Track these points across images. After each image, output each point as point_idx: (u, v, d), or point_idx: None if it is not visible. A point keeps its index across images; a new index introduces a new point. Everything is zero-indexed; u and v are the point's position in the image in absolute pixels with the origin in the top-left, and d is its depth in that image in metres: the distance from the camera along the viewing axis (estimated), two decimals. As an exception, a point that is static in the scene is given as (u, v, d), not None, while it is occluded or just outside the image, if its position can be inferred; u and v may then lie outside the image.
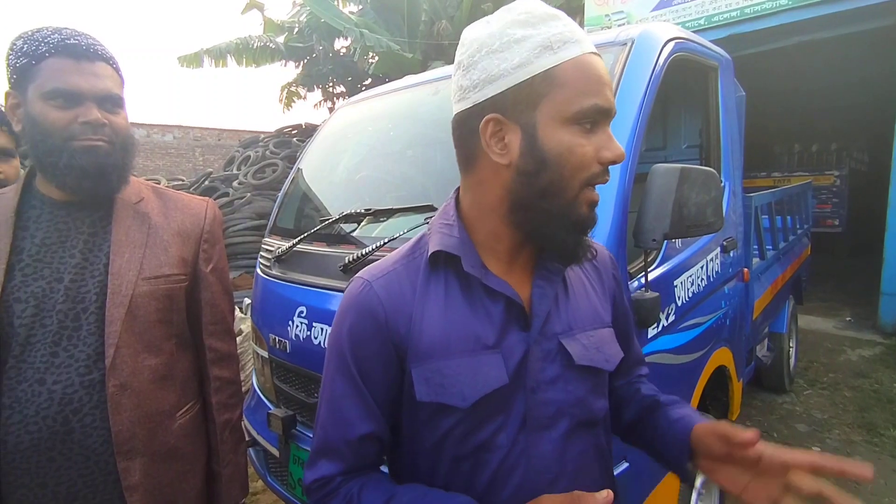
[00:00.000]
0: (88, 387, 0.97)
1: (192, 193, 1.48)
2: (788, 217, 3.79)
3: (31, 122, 0.97)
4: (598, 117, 0.68)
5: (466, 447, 0.73)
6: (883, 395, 3.79)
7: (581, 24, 7.65)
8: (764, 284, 2.91)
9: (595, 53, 0.70)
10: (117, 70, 1.05)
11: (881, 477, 2.78)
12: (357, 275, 0.79)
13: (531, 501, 0.66)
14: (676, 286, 1.67)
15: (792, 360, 3.98)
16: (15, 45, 0.97)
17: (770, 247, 3.22)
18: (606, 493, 0.61)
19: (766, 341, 3.45)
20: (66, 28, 0.99)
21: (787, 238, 3.68)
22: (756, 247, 2.88)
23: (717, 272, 1.99)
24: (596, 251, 0.86)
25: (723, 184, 2.08)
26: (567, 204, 0.69)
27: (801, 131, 10.39)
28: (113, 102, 1.02)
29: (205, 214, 1.21)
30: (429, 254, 0.76)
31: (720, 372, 2.06)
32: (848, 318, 5.79)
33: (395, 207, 1.75)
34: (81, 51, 0.98)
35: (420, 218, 1.58)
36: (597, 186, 0.72)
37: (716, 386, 2.09)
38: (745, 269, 2.35)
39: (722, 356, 2.04)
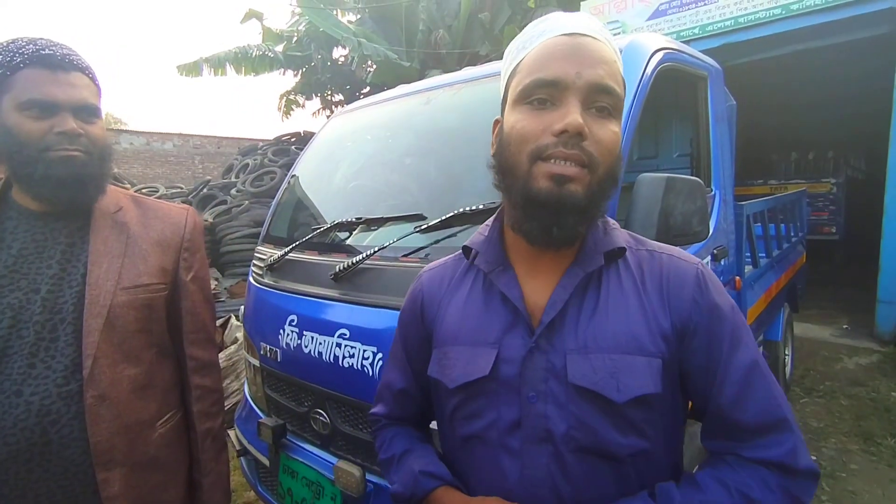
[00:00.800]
0: (66, 398, 0.96)
1: (191, 201, 1.50)
2: (782, 225, 3.80)
3: (5, 132, 0.97)
4: (543, 92, 0.69)
5: (465, 431, 0.80)
6: (880, 404, 3.78)
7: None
8: (757, 292, 2.91)
9: (566, 35, 0.71)
10: (93, 80, 1.05)
11: (878, 487, 2.77)
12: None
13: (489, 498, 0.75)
14: (666, 295, 1.67)
15: (788, 369, 3.97)
16: None
17: (763, 255, 3.22)
18: None
19: (760, 349, 3.44)
20: (41, 38, 0.99)
21: (781, 246, 3.68)
22: (749, 255, 2.88)
23: (708, 280, 1.99)
24: (655, 257, 0.79)
25: (713, 192, 2.10)
26: (521, 180, 0.70)
27: (797, 139, 10.43)
28: (89, 112, 1.02)
29: (185, 223, 1.20)
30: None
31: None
32: (845, 326, 5.78)
33: (386, 216, 1.76)
34: (57, 61, 0.98)
35: (410, 227, 1.59)
36: None
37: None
38: (737, 278, 2.35)
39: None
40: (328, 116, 12.31)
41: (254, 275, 2.11)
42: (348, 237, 1.85)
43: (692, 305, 0.74)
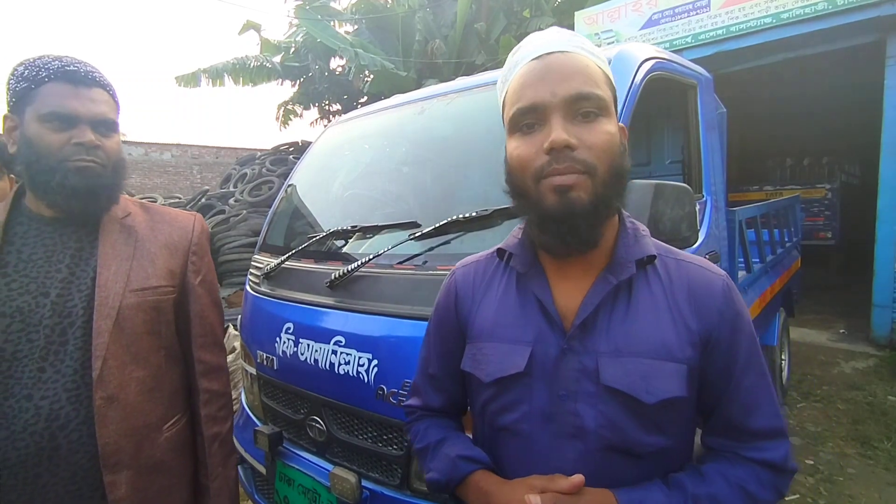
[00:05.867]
0: (75, 402, 0.97)
1: (189, 210, 1.52)
2: (776, 230, 3.83)
3: (27, 143, 1.00)
4: (528, 118, 0.75)
5: (498, 423, 0.83)
6: (877, 408, 3.79)
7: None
8: (751, 297, 2.93)
9: (535, 59, 0.76)
10: (113, 96, 1.09)
11: (875, 490, 2.77)
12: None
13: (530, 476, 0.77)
14: (658, 300, 1.69)
15: (784, 373, 3.98)
16: (16, 70, 1.01)
17: (757, 260, 3.25)
18: (578, 478, 0.72)
19: (758, 354, 3.45)
20: (66, 56, 1.03)
21: (775, 251, 3.71)
22: (742, 260, 2.90)
23: (700, 285, 2.01)
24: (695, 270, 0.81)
25: (704, 198, 2.12)
26: (533, 200, 0.75)
27: (792, 145, 10.52)
28: (107, 126, 1.05)
29: (192, 227, 1.23)
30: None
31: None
32: (842, 331, 5.80)
33: (381, 224, 1.77)
34: (79, 77, 1.01)
35: (405, 234, 1.61)
36: None
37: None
38: (731, 283, 2.37)
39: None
40: (325, 126, 12.42)
41: (250, 283, 2.12)
42: (344, 245, 1.87)
43: (718, 316, 0.78)
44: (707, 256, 2.07)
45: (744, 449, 0.78)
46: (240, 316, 2.30)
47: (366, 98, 10.76)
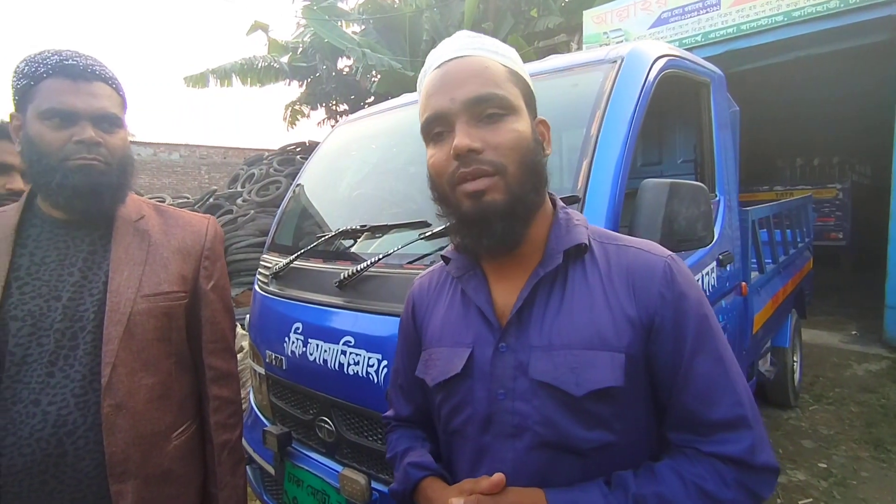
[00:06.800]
0: (83, 408, 0.95)
1: (197, 211, 1.50)
2: (788, 230, 3.78)
3: (28, 142, 0.98)
4: (434, 126, 0.76)
5: (450, 427, 0.84)
6: (890, 411, 3.73)
7: (579, 42, 7.75)
8: (764, 298, 2.89)
9: (436, 68, 0.78)
10: (117, 90, 1.05)
11: (889, 494, 2.73)
12: None
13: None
14: (671, 300, 1.67)
15: (797, 375, 3.93)
16: (18, 67, 0.99)
17: (769, 260, 3.21)
18: (498, 477, 0.72)
19: (768, 356, 3.42)
20: (66, 50, 1.00)
21: (787, 251, 3.66)
22: (755, 260, 2.87)
23: (713, 286, 1.99)
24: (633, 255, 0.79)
25: (717, 198, 2.09)
26: (453, 206, 0.77)
27: (802, 145, 10.40)
28: (109, 122, 1.02)
29: (206, 232, 1.20)
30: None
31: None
32: (854, 332, 5.73)
33: (390, 224, 1.76)
34: (78, 71, 0.98)
35: (415, 234, 1.60)
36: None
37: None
38: (744, 283, 2.34)
39: (721, 371, 2.02)
40: (333, 126, 12.47)
41: (259, 283, 2.12)
42: (353, 245, 1.86)
43: (659, 300, 0.75)
44: (720, 256, 2.05)
45: (703, 443, 0.73)
46: (247, 315, 2.30)
47: (373, 98, 10.76)
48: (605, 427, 0.73)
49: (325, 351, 1.60)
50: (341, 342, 1.56)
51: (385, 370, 1.45)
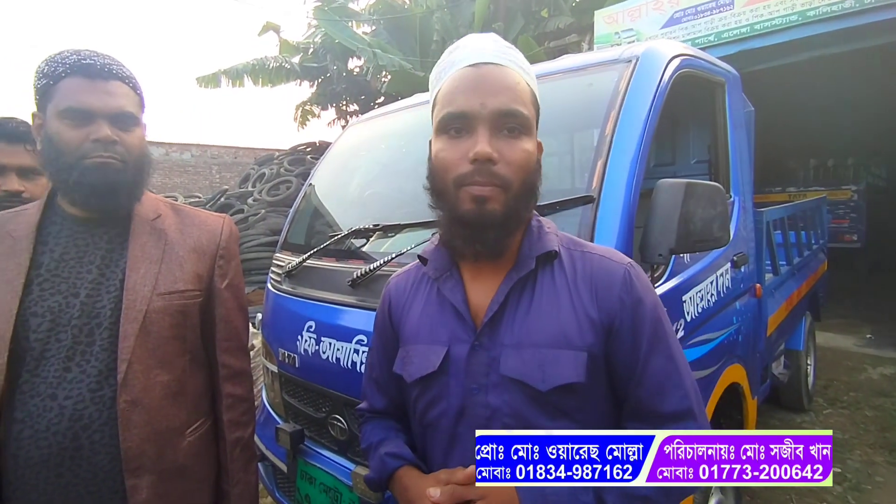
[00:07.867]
0: (99, 403, 0.96)
1: (208, 210, 1.52)
2: (802, 232, 3.74)
3: (48, 140, 1.00)
4: (455, 123, 0.78)
5: (425, 420, 0.89)
6: (905, 416, 3.68)
7: (590, 43, 7.71)
8: (778, 300, 2.86)
9: (470, 66, 0.79)
10: (135, 89, 1.06)
11: (905, 500, 2.69)
12: None
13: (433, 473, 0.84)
14: (685, 301, 1.66)
15: (810, 379, 3.88)
16: (39, 67, 1.01)
17: (784, 262, 3.17)
18: (472, 469, 0.75)
19: (782, 359, 3.38)
20: (85, 49, 1.02)
21: (802, 253, 3.62)
22: (769, 262, 2.84)
23: (727, 288, 1.97)
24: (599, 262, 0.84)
25: (732, 199, 2.07)
26: (450, 203, 0.79)
27: (816, 146, 10.26)
28: (126, 120, 1.03)
29: (221, 231, 1.21)
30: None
31: (734, 389, 2.02)
32: (868, 336, 5.65)
33: (403, 223, 1.77)
34: (96, 70, 1.00)
35: (427, 233, 1.60)
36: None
37: (729, 403, 2.05)
38: (758, 285, 2.32)
39: (734, 373, 2.00)
40: (343, 126, 12.48)
41: (272, 281, 2.13)
42: (365, 244, 1.86)
43: (619, 304, 0.82)
44: (735, 258, 2.03)
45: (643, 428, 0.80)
46: (259, 314, 2.31)
47: (383, 98, 10.79)
48: (568, 418, 0.81)
49: (338, 349, 1.61)
50: (354, 340, 1.57)
51: (398, 369, 1.45)
